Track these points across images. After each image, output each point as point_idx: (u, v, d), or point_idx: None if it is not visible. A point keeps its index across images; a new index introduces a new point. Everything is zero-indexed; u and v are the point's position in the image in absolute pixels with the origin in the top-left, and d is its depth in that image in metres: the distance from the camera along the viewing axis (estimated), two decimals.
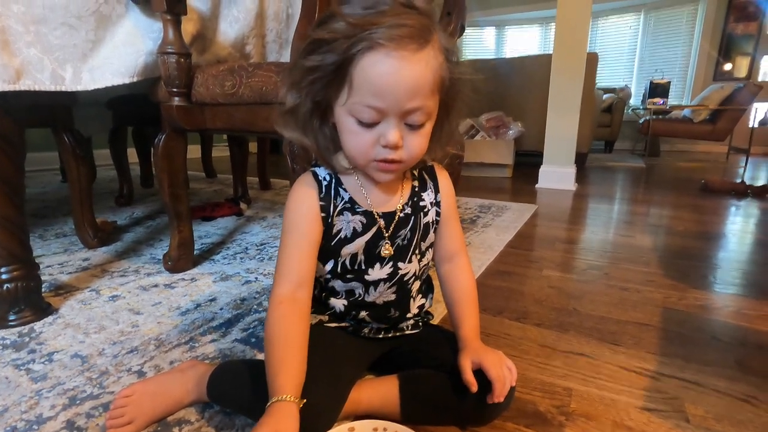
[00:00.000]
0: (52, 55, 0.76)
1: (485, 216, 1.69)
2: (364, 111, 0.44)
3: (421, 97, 0.44)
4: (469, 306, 0.59)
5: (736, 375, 0.66)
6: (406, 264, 0.56)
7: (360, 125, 0.45)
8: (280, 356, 0.46)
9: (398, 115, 0.44)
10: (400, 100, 0.43)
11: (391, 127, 0.44)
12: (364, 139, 0.46)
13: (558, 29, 2.29)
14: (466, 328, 0.57)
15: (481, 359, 0.51)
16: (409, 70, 0.42)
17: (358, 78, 0.43)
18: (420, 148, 0.48)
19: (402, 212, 0.55)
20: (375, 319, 0.58)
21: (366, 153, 0.46)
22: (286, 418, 0.41)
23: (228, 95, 0.88)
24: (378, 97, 0.43)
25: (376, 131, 0.45)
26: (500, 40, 5.68)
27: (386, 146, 0.45)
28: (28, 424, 0.53)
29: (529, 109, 3.02)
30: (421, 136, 0.47)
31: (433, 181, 0.59)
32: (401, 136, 0.45)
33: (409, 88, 0.43)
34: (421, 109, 0.44)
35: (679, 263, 1.18)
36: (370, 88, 0.43)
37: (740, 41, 4.66)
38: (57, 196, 1.98)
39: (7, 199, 0.75)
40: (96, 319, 0.80)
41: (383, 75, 0.42)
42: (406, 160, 0.47)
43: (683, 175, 3.11)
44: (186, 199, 1.04)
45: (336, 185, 0.53)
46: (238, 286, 0.97)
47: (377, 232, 0.54)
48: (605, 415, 0.57)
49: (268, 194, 2.14)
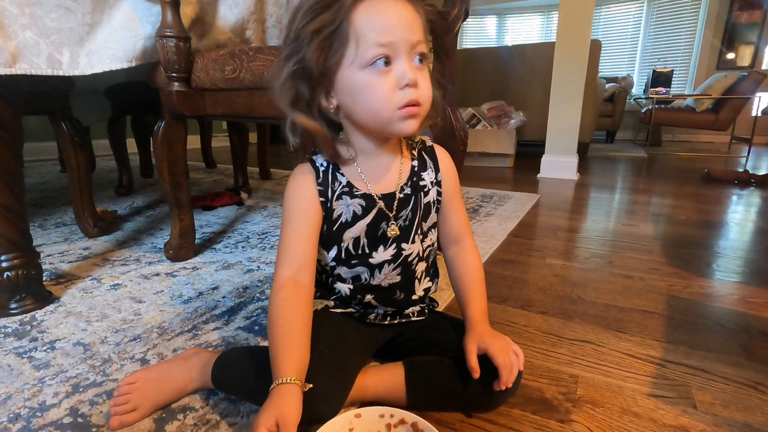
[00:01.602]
0: (48, 39, 0.74)
1: (487, 205, 1.68)
2: (378, 51, 0.44)
3: (421, 31, 0.46)
4: (476, 287, 0.58)
5: (742, 361, 0.66)
6: (410, 245, 0.55)
7: (376, 74, 0.45)
8: (283, 339, 0.46)
9: (407, 51, 0.45)
10: (406, 32, 0.45)
11: (405, 66, 0.45)
12: (384, 88, 0.45)
13: (561, 15, 2.25)
14: (473, 309, 0.56)
15: (487, 346, 0.50)
16: (404, 6, 0.45)
17: (361, 25, 0.44)
18: (429, 90, 0.48)
19: (402, 192, 0.54)
20: (381, 302, 0.57)
21: (390, 101, 0.46)
22: (290, 400, 0.41)
23: (228, 80, 0.86)
24: (387, 33, 0.44)
25: (392, 76, 0.45)
26: (501, 29, 5.62)
27: (407, 85, 0.45)
28: (31, 411, 0.52)
29: (530, 98, 3.00)
30: (426, 77, 0.48)
31: (432, 160, 0.58)
32: (416, 74, 0.46)
33: (411, 21, 0.45)
34: (423, 43, 0.46)
35: (683, 252, 1.18)
36: (376, 28, 0.44)
37: (744, 30, 4.61)
38: (56, 186, 1.96)
39: (5, 187, 0.74)
40: (98, 308, 0.80)
41: (384, 12, 0.44)
42: (424, 103, 0.48)
43: (685, 164, 3.10)
44: (186, 188, 1.03)
45: (333, 170, 0.53)
46: (240, 275, 0.96)
47: (378, 215, 0.53)
48: (612, 401, 0.57)
49: (268, 184, 2.13)
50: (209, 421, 0.51)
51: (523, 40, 5.34)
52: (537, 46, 3.11)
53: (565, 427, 0.52)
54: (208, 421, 0.51)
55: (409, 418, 0.44)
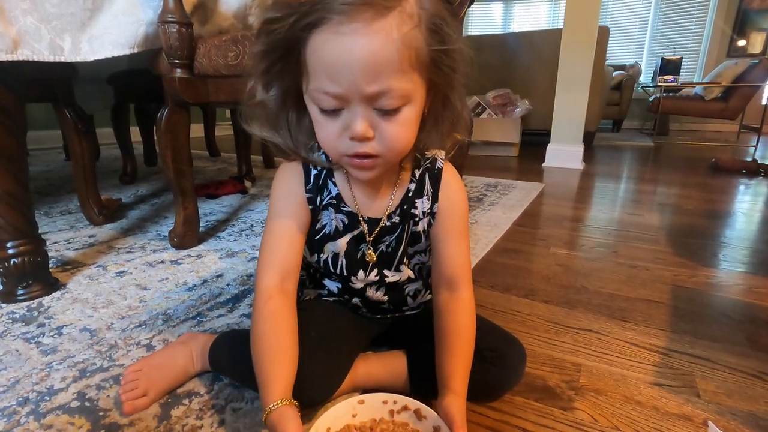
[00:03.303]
0: (49, 24, 0.74)
1: (491, 194, 1.67)
2: (322, 98, 0.38)
3: (386, 77, 0.36)
4: (463, 353, 0.47)
5: (747, 351, 0.66)
6: (393, 272, 0.53)
7: (323, 114, 0.39)
8: (273, 357, 0.43)
9: (362, 101, 0.37)
10: (358, 82, 0.35)
11: (355, 116, 0.37)
12: (330, 131, 0.40)
13: (569, 1, 2.21)
14: (455, 381, 0.46)
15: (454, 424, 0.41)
16: (363, 45, 0.34)
17: (311, 61, 0.37)
18: (399, 138, 0.40)
19: (389, 221, 0.49)
20: (368, 309, 0.57)
21: (335, 146, 0.40)
22: (292, 425, 0.38)
23: (231, 66, 0.86)
24: (332, 82, 0.36)
25: (342, 121, 0.38)
26: (507, 16, 5.52)
27: (353, 138, 0.38)
28: (39, 395, 0.53)
29: (536, 86, 2.96)
30: (398, 124, 0.39)
31: (434, 187, 0.50)
32: (370, 125, 0.38)
33: (367, 68, 0.35)
34: (388, 93, 0.36)
35: (689, 241, 1.17)
36: (323, 71, 0.36)
37: (756, 16, 4.50)
38: (61, 174, 1.97)
39: (10, 174, 0.74)
40: (104, 294, 0.81)
41: (333, 54, 0.35)
42: (384, 154, 0.40)
43: (693, 154, 3.06)
44: (190, 175, 1.03)
45: (326, 176, 0.49)
46: (244, 263, 0.97)
47: (359, 235, 0.50)
48: (615, 390, 0.57)
49: (272, 172, 2.12)
50: (214, 406, 0.52)
51: (530, 27, 5.25)
52: (544, 33, 3.05)
53: (568, 414, 0.52)
54: (213, 406, 0.52)
55: (412, 405, 0.44)
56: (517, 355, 0.52)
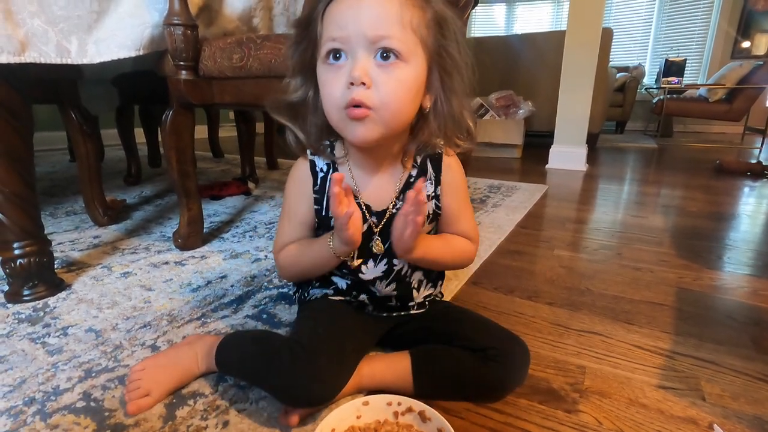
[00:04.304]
0: (56, 27, 0.74)
1: (495, 196, 1.67)
2: (329, 44, 0.42)
3: (388, 26, 0.41)
4: (445, 240, 0.56)
5: (752, 354, 0.66)
6: (400, 260, 0.55)
7: (329, 70, 0.43)
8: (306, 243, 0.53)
9: (364, 46, 0.41)
10: (363, 25, 0.41)
11: (356, 61, 0.41)
12: (333, 85, 0.43)
13: (573, 2, 2.21)
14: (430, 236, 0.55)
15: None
16: (370, 3, 0.41)
17: (325, 23, 0.43)
18: (395, 93, 0.42)
19: (395, 209, 0.52)
20: (375, 305, 0.58)
21: (337, 103, 0.43)
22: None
23: (236, 68, 0.86)
24: (339, 27, 0.42)
25: (345, 73, 0.42)
26: (510, 17, 5.52)
27: (352, 83, 0.41)
28: (45, 395, 0.54)
29: (539, 88, 2.95)
30: (394, 79, 0.42)
31: (435, 171, 0.54)
32: (367, 72, 0.41)
33: (372, 14, 0.41)
34: (389, 38, 0.41)
35: (693, 243, 1.16)
36: (332, 22, 0.42)
37: (760, 18, 4.48)
38: (66, 175, 1.98)
39: (17, 175, 0.75)
40: (108, 295, 0.81)
41: (342, 8, 0.42)
42: (378, 108, 0.42)
43: (697, 155, 3.05)
44: (194, 176, 1.03)
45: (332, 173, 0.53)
46: (248, 264, 0.97)
47: (367, 231, 0.53)
48: (620, 392, 0.57)
49: (275, 174, 2.13)
50: (219, 407, 0.52)
51: (533, 29, 5.24)
52: (547, 34, 3.05)
53: (572, 417, 0.52)
54: (217, 407, 0.52)
55: (417, 407, 0.45)
56: (521, 354, 0.53)
